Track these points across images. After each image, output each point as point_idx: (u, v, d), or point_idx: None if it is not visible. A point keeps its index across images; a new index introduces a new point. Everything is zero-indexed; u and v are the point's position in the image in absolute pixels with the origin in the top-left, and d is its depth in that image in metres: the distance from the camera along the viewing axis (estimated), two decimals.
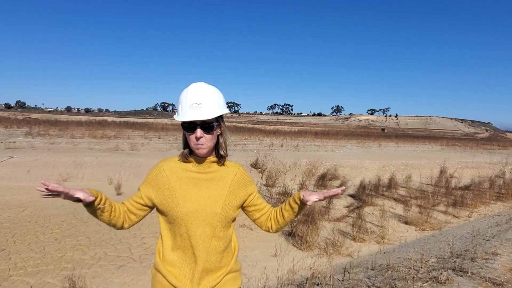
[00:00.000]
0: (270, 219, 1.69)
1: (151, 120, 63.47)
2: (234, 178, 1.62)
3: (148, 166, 13.96)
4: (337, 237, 7.32)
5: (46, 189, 1.33)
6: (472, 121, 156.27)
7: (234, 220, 1.64)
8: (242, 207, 1.70)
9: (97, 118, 57.61)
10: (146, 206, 1.60)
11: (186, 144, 1.60)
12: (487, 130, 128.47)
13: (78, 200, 1.38)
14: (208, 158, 1.57)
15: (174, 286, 1.50)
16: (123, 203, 1.62)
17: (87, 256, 6.10)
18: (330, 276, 3.33)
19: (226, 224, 1.57)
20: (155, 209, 1.63)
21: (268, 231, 1.71)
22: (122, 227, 1.59)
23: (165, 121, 64.82)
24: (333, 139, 35.88)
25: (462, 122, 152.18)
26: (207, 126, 1.49)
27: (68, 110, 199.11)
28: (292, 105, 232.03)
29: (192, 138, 1.50)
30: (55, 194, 1.35)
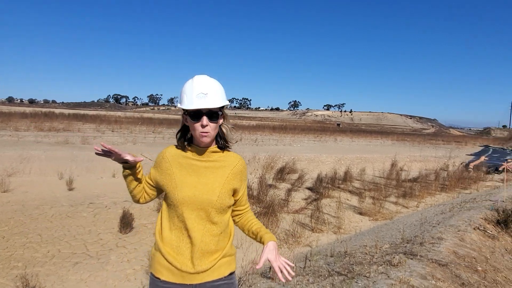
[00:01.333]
0: (241, 221, 1.78)
1: (103, 113, 60.77)
2: (233, 168, 1.67)
3: (101, 160, 13.37)
4: (297, 228, 7.53)
5: (102, 149, 1.53)
6: (420, 118, 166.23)
7: (231, 206, 1.70)
8: None
9: (44, 109, 54.09)
10: (155, 187, 1.70)
11: (182, 134, 1.67)
12: (433, 126, 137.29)
13: (125, 162, 1.58)
14: (209, 148, 1.64)
15: (173, 265, 1.56)
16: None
17: (39, 254, 5.79)
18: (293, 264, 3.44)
19: (222, 210, 1.63)
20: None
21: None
22: (138, 201, 1.73)
23: (119, 113, 62.43)
24: (290, 134, 36.59)
25: (411, 118, 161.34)
26: (213, 115, 1.56)
27: (10, 100, 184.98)
28: (250, 100, 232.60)
29: (197, 126, 1.56)
30: (107, 154, 1.55)
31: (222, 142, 1.67)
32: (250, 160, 16.25)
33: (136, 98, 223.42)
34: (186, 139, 1.67)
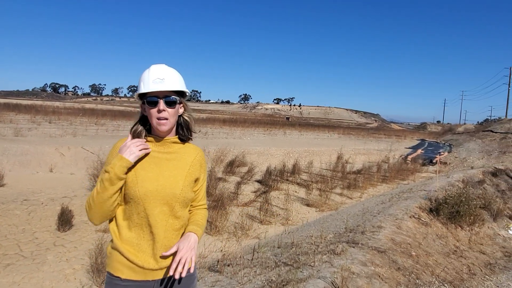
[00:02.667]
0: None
1: (39, 102, 56.48)
2: (193, 160, 1.63)
3: (37, 153, 12.49)
4: (245, 221, 7.58)
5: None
6: (364, 112, 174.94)
7: (191, 200, 1.65)
8: None
9: None
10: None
11: (142, 124, 1.58)
12: (376, 121, 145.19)
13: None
14: (168, 138, 1.58)
15: (134, 263, 1.50)
16: None
17: None
18: (240, 257, 3.45)
19: (185, 204, 1.58)
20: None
21: None
22: (112, 214, 1.54)
23: (57, 103, 58.29)
24: (241, 127, 36.68)
25: (356, 113, 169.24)
26: (170, 100, 1.51)
27: None
28: (200, 92, 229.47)
29: (154, 112, 1.49)
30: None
31: (184, 133, 1.63)
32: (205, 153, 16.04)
33: (76, 88, 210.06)
34: (144, 130, 1.57)
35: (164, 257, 1.52)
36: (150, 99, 1.50)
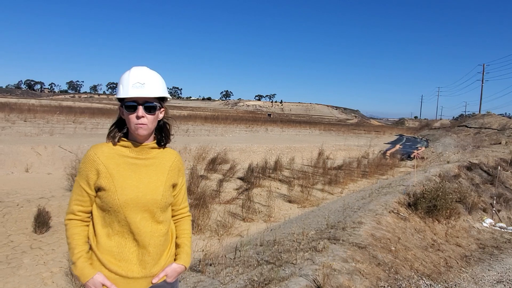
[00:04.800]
0: (176, 229, 1.70)
1: (13, 100, 54.60)
2: (172, 165, 1.60)
3: (11, 153, 12.07)
4: (228, 219, 7.56)
5: None
6: (345, 109, 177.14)
7: (171, 203, 1.63)
8: None
9: None
10: (95, 194, 1.52)
11: (118, 127, 1.54)
12: (356, 117, 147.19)
13: None
14: (146, 144, 1.53)
15: (116, 274, 1.46)
16: (73, 219, 1.51)
17: None
18: (222, 256, 3.44)
19: (165, 209, 1.56)
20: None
21: None
22: None
23: (32, 101, 56.50)
24: (222, 124, 36.53)
25: (336, 109, 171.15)
26: (150, 106, 1.46)
27: None
28: (181, 89, 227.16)
29: (132, 118, 1.45)
30: None
31: (163, 139, 1.59)
32: (181, 151, 15.88)
33: (53, 85, 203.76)
34: (121, 134, 1.53)
35: (154, 266, 1.51)
36: (128, 104, 1.45)
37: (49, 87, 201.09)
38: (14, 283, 4.61)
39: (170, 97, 1.61)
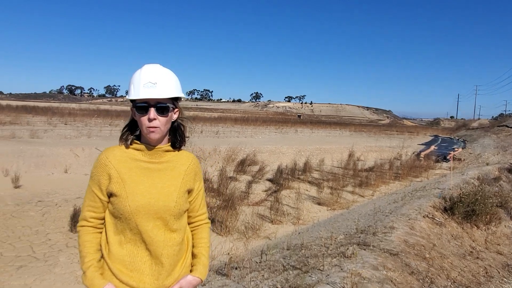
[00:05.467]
0: (193, 238, 1.60)
1: (55, 105, 57.54)
2: (187, 168, 1.50)
3: (52, 155, 12.67)
4: (256, 221, 7.53)
5: None
6: (376, 109, 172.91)
7: (186, 210, 1.54)
8: None
9: None
10: (108, 200, 1.43)
11: (131, 129, 1.46)
12: (388, 117, 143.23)
13: None
14: (160, 146, 1.43)
15: (127, 285, 1.37)
16: (85, 226, 1.43)
17: None
18: (248, 259, 3.41)
19: (179, 216, 1.46)
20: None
21: None
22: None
23: (73, 105, 59.32)
24: (252, 125, 36.65)
25: (367, 109, 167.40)
26: (162, 107, 1.37)
27: None
28: (212, 91, 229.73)
29: (144, 120, 1.35)
30: None
31: (178, 141, 1.49)
32: (210, 152, 16.07)
33: (92, 89, 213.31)
34: (133, 136, 1.45)
35: (167, 278, 1.42)
36: (140, 105, 1.36)
37: (89, 91, 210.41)
38: (49, 280, 4.80)
39: (184, 96, 1.50)
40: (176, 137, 1.49)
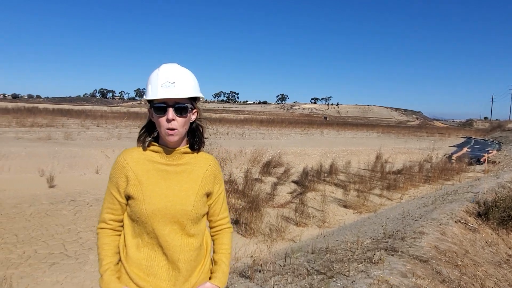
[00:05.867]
0: (214, 244, 1.56)
1: (88, 108, 59.77)
2: (206, 171, 1.46)
3: (84, 156, 13.14)
4: (281, 223, 7.48)
5: None
6: (405, 110, 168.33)
7: (205, 214, 1.50)
8: None
9: (27, 105, 52.85)
10: (126, 202, 1.41)
11: (149, 130, 1.43)
12: (417, 118, 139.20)
13: None
14: (178, 148, 1.40)
15: None
16: (104, 228, 1.42)
17: (14, 255, 5.59)
18: (272, 262, 3.38)
19: (197, 220, 1.42)
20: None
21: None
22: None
23: (105, 108, 61.40)
24: (278, 127, 36.57)
25: (396, 110, 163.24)
26: (181, 108, 1.33)
27: None
28: (238, 93, 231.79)
29: (162, 121, 1.32)
30: None
31: (197, 142, 1.45)
32: (236, 154, 16.14)
33: (123, 93, 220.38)
34: (151, 138, 1.42)
35: (184, 285, 1.38)
36: (158, 106, 1.33)
37: (119, 95, 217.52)
38: (80, 278, 4.95)
39: (203, 96, 1.45)
40: (195, 138, 1.46)
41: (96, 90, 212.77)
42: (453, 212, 5.39)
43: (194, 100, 1.41)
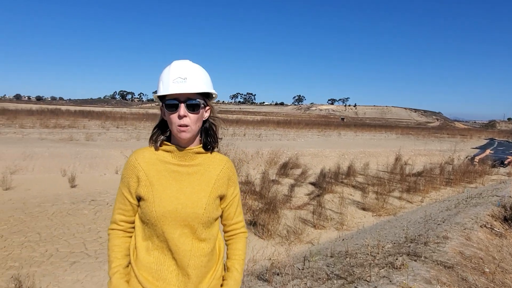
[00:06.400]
0: (227, 249, 1.50)
1: (109, 109, 61.05)
2: (220, 173, 1.40)
3: (104, 157, 13.38)
4: (298, 225, 7.41)
5: None
6: (425, 111, 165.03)
7: (217, 218, 1.43)
8: None
9: (50, 106, 54.43)
10: (137, 203, 1.38)
11: (161, 130, 1.38)
12: (437, 119, 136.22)
13: None
14: (191, 148, 1.35)
15: None
16: (115, 229, 1.38)
17: (36, 253, 5.73)
18: (290, 265, 3.33)
19: (209, 224, 1.36)
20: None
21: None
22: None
23: (124, 110, 62.63)
24: (295, 128, 36.41)
25: (415, 111, 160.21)
26: (192, 104, 1.29)
27: (18, 98, 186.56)
28: (255, 94, 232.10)
29: (174, 118, 1.28)
30: None
31: (210, 142, 1.39)
32: (253, 155, 16.13)
33: (141, 94, 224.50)
34: (163, 137, 1.38)
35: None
36: (169, 102, 1.28)
37: (138, 96, 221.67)
38: (99, 277, 5.03)
39: (216, 93, 1.39)
40: (208, 138, 1.40)
41: (116, 92, 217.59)
42: (478, 216, 5.20)
43: (207, 97, 1.36)
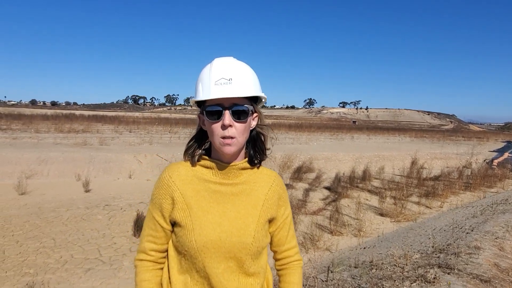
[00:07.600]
0: (279, 283, 1.27)
1: (121, 114, 61.76)
2: (269, 191, 1.17)
3: (118, 161, 13.41)
4: (315, 231, 7.22)
5: None
6: (438, 113, 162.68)
7: (266, 246, 1.21)
8: None
9: (64, 111, 55.37)
10: (172, 229, 1.16)
11: (198, 141, 1.17)
12: (451, 122, 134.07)
13: None
14: (235, 163, 1.13)
15: None
16: (144, 260, 1.17)
17: (51, 259, 5.67)
18: (313, 276, 3.17)
19: (258, 254, 1.14)
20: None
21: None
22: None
23: (136, 114, 63.27)
24: (306, 132, 36.15)
25: (428, 114, 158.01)
26: (239, 110, 1.06)
27: (33, 103, 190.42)
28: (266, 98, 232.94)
29: (216, 128, 1.06)
30: None
31: (257, 155, 1.18)
32: (266, 160, 16.00)
33: (153, 99, 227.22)
34: (202, 151, 1.17)
35: None
36: (211, 109, 1.06)
37: (150, 101, 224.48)
38: (114, 284, 4.93)
39: (266, 96, 1.15)
40: (256, 150, 1.18)
41: (128, 96, 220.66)
42: (509, 224, 4.95)
43: (254, 101, 1.14)
